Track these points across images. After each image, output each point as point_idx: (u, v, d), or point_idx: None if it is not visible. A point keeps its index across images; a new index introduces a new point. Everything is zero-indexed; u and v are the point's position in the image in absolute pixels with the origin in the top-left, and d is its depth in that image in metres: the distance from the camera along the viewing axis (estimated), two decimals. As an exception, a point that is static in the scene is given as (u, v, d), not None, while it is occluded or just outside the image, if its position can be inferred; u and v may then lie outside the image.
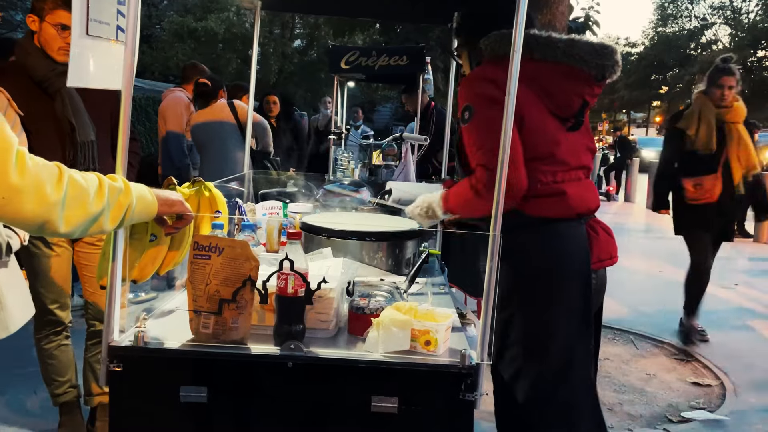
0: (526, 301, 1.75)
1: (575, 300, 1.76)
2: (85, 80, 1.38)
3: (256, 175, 3.16)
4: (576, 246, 1.78)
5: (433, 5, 2.91)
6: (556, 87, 1.75)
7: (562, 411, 1.77)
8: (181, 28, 17.89)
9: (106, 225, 1.27)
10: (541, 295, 1.76)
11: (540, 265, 1.76)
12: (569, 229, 1.78)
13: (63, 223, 1.16)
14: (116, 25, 1.44)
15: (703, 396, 3.62)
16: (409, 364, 1.43)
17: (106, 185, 1.26)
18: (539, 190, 1.75)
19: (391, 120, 28.08)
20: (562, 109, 1.77)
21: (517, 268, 1.70)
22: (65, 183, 1.17)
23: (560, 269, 1.76)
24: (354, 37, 18.54)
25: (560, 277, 1.76)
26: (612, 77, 1.80)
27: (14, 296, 1.94)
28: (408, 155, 5.58)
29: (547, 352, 1.76)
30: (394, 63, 5.43)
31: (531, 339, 1.77)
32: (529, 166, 1.72)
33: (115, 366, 1.41)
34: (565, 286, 1.76)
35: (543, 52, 1.72)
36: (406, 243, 2.20)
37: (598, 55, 1.74)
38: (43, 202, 1.13)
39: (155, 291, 1.89)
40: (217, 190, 1.84)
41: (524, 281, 1.73)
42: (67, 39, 2.28)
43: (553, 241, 1.77)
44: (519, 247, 1.62)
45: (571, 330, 1.76)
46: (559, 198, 1.76)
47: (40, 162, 1.15)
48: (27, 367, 3.24)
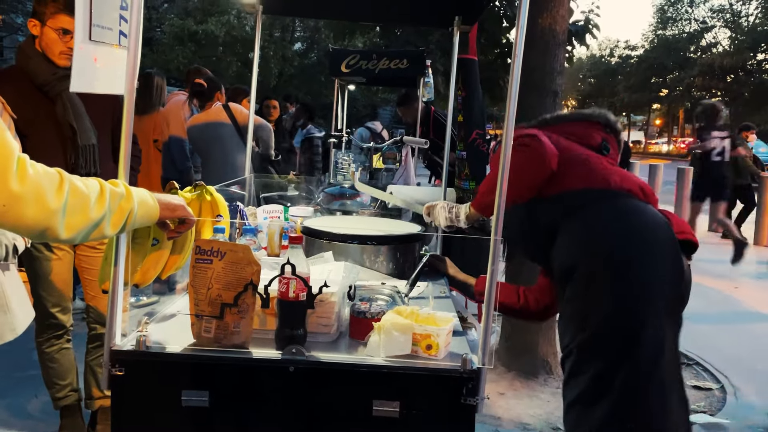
0: (619, 271, 1.71)
1: (668, 266, 1.74)
2: (88, 85, 1.38)
3: (258, 179, 3.17)
4: (654, 217, 1.80)
5: (433, 9, 2.92)
6: (577, 132, 1.96)
7: (658, 386, 1.69)
8: (182, 31, 17.94)
9: (108, 230, 1.27)
10: (622, 271, 1.71)
11: (617, 242, 1.74)
12: (640, 203, 1.82)
13: (64, 229, 1.17)
14: (119, 29, 1.45)
15: (704, 399, 3.62)
16: (411, 368, 1.43)
17: (108, 191, 1.26)
18: (588, 168, 1.86)
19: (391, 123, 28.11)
20: (586, 139, 1.95)
21: (591, 246, 1.74)
22: (66, 190, 1.17)
23: (650, 235, 1.75)
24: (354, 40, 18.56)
25: (651, 243, 1.74)
26: (617, 135, 2.03)
27: (17, 299, 1.95)
28: (408, 158, 5.59)
29: (641, 329, 1.68)
30: (395, 66, 5.44)
31: (627, 303, 1.70)
32: (574, 158, 1.88)
33: (117, 370, 1.41)
34: (657, 251, 1.74)
35: (555, 121, 2.00)
36: (407, 247, 2.21)
37: (593, 114, 2.03)
38: (44, 209, 1.13)
39: (157, 295, 1.89)
40: (218, 194, 1.85)
41: (616, 252, 1.71)
42: (68, 43, 2.29)
43: (630, 209, 1.79)
44: (598, 223, 1.73)
45: (660, 305, 1.71)
46: (606, 172, 1.85)
47: (41, 169, 1.15)
48: (28, 370, 3.24)
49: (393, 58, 5.43)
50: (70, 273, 2.57)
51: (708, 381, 3.89)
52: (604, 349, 1.70)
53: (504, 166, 1.46)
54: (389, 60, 5.41)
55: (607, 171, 1.85)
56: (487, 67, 7.81)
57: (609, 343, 1.70)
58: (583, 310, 1.74)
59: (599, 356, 1.70)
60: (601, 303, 1.71)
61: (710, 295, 5.90)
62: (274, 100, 5.94)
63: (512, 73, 1.46)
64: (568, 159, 1.84)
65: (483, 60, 7.69)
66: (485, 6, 2.60)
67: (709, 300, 5.73)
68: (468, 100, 3.32)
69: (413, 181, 5.54)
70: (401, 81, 6.43)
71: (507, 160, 1.46)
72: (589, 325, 1.72)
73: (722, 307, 5.61)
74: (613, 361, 1.68)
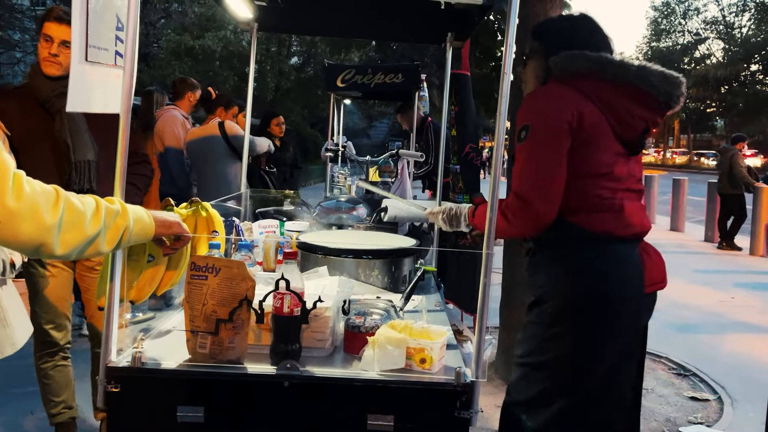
0: (578, 319, 1.73)
1: (626, 324, 1.76)
2: (84, 105, 1.40)
3: (254, 194, 3.18)
4: (633, 269, 1.77)
5: (426, 26, 2.95)
6: (623, 108, 1.76)
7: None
8: (179, 46, 18.02)
9: (103, 247, 1.28)
10: (595, 315, 1.74)
11: (598, 287, 1.75)
12: (627, 251, 1.78)
13: (59, 246, 1.18)
14: (114, 50, 1.47)
15: (701, 410, 3.63)
16: (405, 382, 1.44)
17: (103, 208, 1.28)
18: (598, 205, 1.76)
19: (387, 135, 28.22)
20: (627, 131, 1.78)
21: (575, 285, 1.70)
22: (62, 207, 1.18)
23: (618, 293, 1.75)
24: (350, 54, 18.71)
25: (616, 301, 1.75)
26: (676, 108, 1.83)
27: (16, 313, 1.96)
28: (404, 172, 5.62)
29: (588, 373, 1.75)
30: (390, 80, 5.49)
31: (577, 357, 1.75)
32: (589, 181, 1.75)
33: (112, 387, 1.42)
34: (618, 309, 1.75)
35: (615, 73, 1.75)
36: (402, 260, 2.22)
37: (667, 83, 1.77)
38: (39, 226, 1.14)
39: (152, 311, 1.90)
40: (214, 210, 1.86)
41: (580, 300, 1.72)
42: (51, 49, 2.34)
43: (613, 263, 1.76)
44: (578, 266, 1.64)
45: (615, 353, 1.76)
46: (617, 214, 1.76)
47: (38, 186, 1.17)
48: (25, 386, 3.23)
49: (388, 72, 5.48)
50: (66, 290, 2.57)
51: (705, 392, 3.89)
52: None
53: (496, 178, 1.49)
54: (384, 74, 5.45)
55: (633, 215, 1.79)
56: (482, 80, 7.87)
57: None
58: (543, 337, 1.79)
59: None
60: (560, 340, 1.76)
61: (706, 306, 5.92)
62: (280, 117, 5.94)
63: (501, 89, 1.48)
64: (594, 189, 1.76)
65: (478, 73, 7.74)
66: (477, 22, 2.63)
67: (706, 310, 5.75)
68: (461, 115, 3.36)
69: (409, 194, 5.55)
70: (397, 95, 6.47)
71: (498, 174, 1.49)
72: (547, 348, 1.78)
73: (719, 317, 5.62)
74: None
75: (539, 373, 1.80)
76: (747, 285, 7.05)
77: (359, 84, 5.47)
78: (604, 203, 1.76)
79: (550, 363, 1.77)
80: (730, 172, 9.23)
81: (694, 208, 12.67)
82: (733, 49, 37.28)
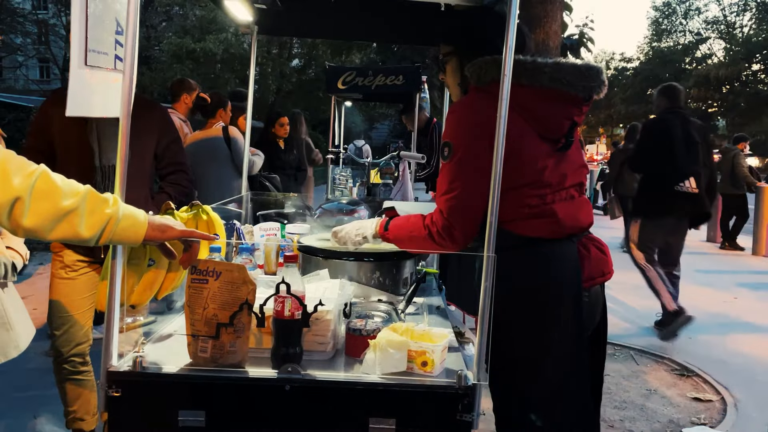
0: (514, 322, 1.71)
1: (565, 321, 1.74)
2: (84, 109, 1.40)
3: (254, 197, 3.18)
4: (564, 266, 1.76)
5: (427, 27, 2.95)
6: (545, 111, 1.75)
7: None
8: (180, 49, 18.06)
9: (82, 229, 1.26)
10: (529, 316, 1.74)
11: (526, 287, 1.74)
12: (556, 249, 1.76)
13: (29, 213, 1.20)
14: (114, 54, 1.47)
15: (705, 411, 3.61)
16: (406, 385, 1.44)
17: (87, 191, 1.28)
18: (527, 213, 1.74)
19: (388, 137, 28.24)
20: (552, 131, 1.77)
21: (504, 289, 1.62)
22: (36, 176, 1.21)
23: (547, 290, 1.74)
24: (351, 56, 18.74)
25: (547, 298, 1.74)
26: (599, 96, 1.81)
27: (18, 316, 1.96)
28: (406, 173, 5.62)
29: (538, 375, 1.74)
30: (391, 82, 5.50)
31: (522, 361, 1.75)
32: (518, 192, 1.72)
33: (113, 391, 1.42)
34: (553, 307, 1.74)
35: (530, 78, 1.72)
36: (403, 263, 2.22)
37: (584, 77, 1.75)
38: (7, 189, 1.18)
39: (153, 314, 1.90)
40: (214, 214, 1.86)
41: (511, 303, 1.67)
42: None
43: (539, 262, 1.75)
44: (504, 269, 1.57)
45: (563, 351, 1.74)
46: (548, 219, 1.75)
47: (13, 156, 1.21)
48: (26, 390, 3.24)
49: (389, 74, 5.49)
50: (78, 296, 2.52)
51: (708, 393, 3.88)
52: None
53: (496, 182, 1.48)
54: (385, 76, 5.46)
55: (567, 218, 1.77)
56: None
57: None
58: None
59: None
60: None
61: (709, 306, 5.91)
62: (284, 117, 5.94)
63: (501, 92, 1.48)
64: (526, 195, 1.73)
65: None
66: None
67: (708, 311, 5.73)
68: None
69: (411, 196, 5.55)
70: (398, 96, 6.48)
71: (498, 177, 1.48)
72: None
73: (721, 318, 5.61)
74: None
75: (495, 383, 1.76)
76: (749, 285, 7.04)
77: (360, 86, 5.48)
78: (535, 211, 1.74)
79: (502, 370, 1.74)
80: (732, 172, 9.22)
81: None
82: (735, 49, 37.24)
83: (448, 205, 1.72)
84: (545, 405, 1.75)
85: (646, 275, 4.82)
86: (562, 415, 1.76)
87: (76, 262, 2.50)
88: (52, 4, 27.30)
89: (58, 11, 26.39)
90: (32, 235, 1.23)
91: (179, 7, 21.62)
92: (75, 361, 2.54)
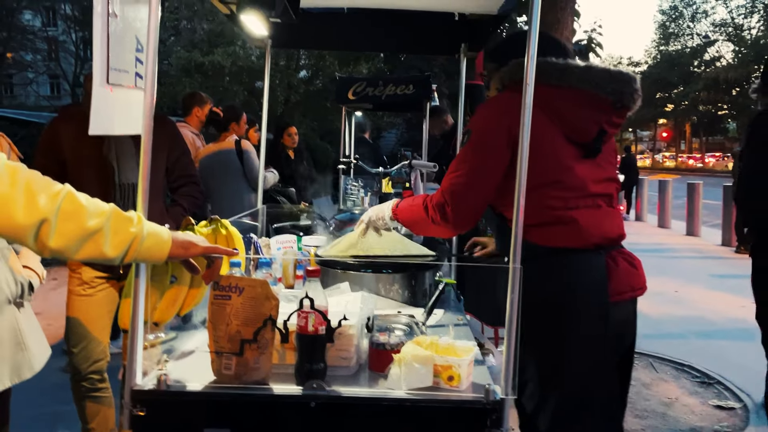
0: (535, 335, 1.66)
1: (588, 336, 1.70)
2: (106, 128, 1.40)
3: (270, 209, 3.18)
4: (589, 278, 1.71)
5: (439, 37, 2.95)
6: (572, 112, 1.74)
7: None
8: (189, 62, 18.18)
9: (107, 249, 1.25)
10: (553, 329, 1.71)
11: (550, 299, 1.70)
12: (582, 260, 1.72)
13: (55, 234, 1.19)
14: (134, 72, 1.47)
15: (727, 419, 3.56)
16: (433, 400, 1.42)
17: (112, 210, 1.27)
18: (548, 217, 1.71)
19: (396, 145, 28.30)
20: (578, 134, 1.74)
21: (528, 301, 1.57)
22: (62, 196, 1.21)
23: (570, 303, 1.70)
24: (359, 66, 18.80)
25: (570, 311, 1.70)
26: (632, 107, 1.79)
27: (33, 336, 1.96)
28: (417, 182, 5.60)
29: (560, 388, 1.71)
30: (401, 92, 5.49)
31: (544, 375, 1.72)
32: (539, 193, 1.68)
33: (138, 410, 1.40)
34: (575, 320, 1.70)
35: (559, 79, 1.72)
36: (422, 273, 2.20)
37: (613, 80, 1.74)
38: (34, 211, 1.17)
39: (174, 331, 1.89)
40: (233, 228, 1.85)
41: (536, 315, 1.62)
42: None
43: (562, 273, 1.72)
44: (528, 280, 1.52)
45: (586, 366, 1.71)
46: (569, 226, 1.71)
47: (38, 176, 1.21)
48: (39, 408, 3.23)
49: (399, 83, 5.49)
50: (96, 312, 2.52)
51: (730, 400, 3.82)
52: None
53: (520, 187, 1.46)
54: (395, 86, 5.46)
55: (591, 226, 1.74)
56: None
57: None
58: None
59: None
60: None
61: (727, 312, 5.83)
62: (292, 127, 5.96)
63: (524, 100, 1.46)
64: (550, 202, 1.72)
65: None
66: (491, 33, 2.62)
67: (726, 316, 5.67)
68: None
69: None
70: (408, 106, 6.47)
71: (523, 183, 1.46)
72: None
73: (740, 323, 5.53)
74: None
75: (525, 394, 1.74)
76: (767, 289, 6.94)
77: (370, 96, 5.48)
78: (555, 215, 1.71)
79: (527, 384, 1.72)
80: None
81: (710, 212, 12.54)
82: (743, 51, 37.09)
83: (449, 183, 1.76)
84: (572, 419, 1.71)
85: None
86: (590, 430, 1.72)
87: (94, 278, 2.50)
88: (62, 21, 27.65)
89: (68, 28, 26.70)
90: (58, 255, 1.22)
91: (187, 20, 21.82)
92: (93, 378, 2.53)
